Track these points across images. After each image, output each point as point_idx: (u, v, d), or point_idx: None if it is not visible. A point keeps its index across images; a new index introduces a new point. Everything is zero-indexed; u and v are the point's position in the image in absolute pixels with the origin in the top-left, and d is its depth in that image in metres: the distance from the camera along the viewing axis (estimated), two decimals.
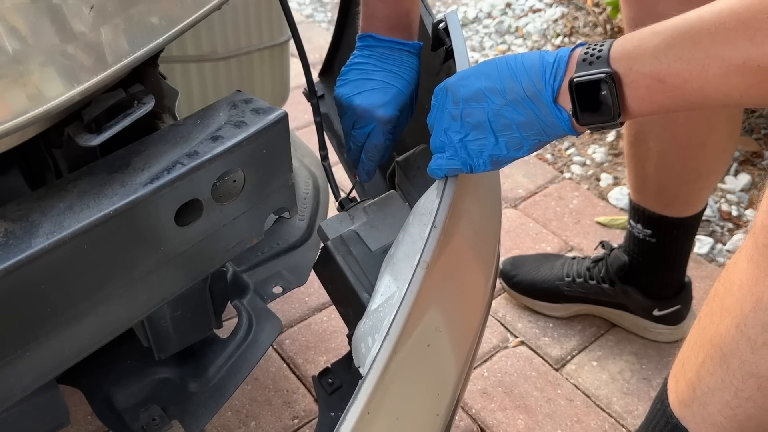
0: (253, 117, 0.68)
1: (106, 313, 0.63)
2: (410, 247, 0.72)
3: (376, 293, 0.73)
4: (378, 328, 0.67)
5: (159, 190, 0.60)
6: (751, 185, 1.73)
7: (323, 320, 1.39)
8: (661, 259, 1.28)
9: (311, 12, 2.74)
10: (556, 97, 0.61)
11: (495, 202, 0.84)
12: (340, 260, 0.77)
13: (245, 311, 0.97)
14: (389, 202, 0.83)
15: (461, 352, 0.69)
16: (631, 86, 0.58)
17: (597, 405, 1.24)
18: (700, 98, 0.55)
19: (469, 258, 0.74)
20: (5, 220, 0.56)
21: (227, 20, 1.17)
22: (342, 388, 0.84)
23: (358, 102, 0.82)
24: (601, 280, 1.34)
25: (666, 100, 0.57)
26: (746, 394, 0.74)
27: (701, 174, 1.17)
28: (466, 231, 0.72)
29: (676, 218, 1.22)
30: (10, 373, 0.58)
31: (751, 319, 0.72)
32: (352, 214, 0.83)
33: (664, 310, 1.32)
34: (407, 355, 0.60)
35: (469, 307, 0.74)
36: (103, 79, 0.56)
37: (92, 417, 1.16)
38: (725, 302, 0.76)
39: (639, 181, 1.23)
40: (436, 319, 0.65)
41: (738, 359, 0.74)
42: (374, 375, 0.57)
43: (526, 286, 1.41)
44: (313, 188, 1.20)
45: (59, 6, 0.53)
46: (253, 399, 1.23)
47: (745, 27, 0.51)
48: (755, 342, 0.72)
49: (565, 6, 2.46)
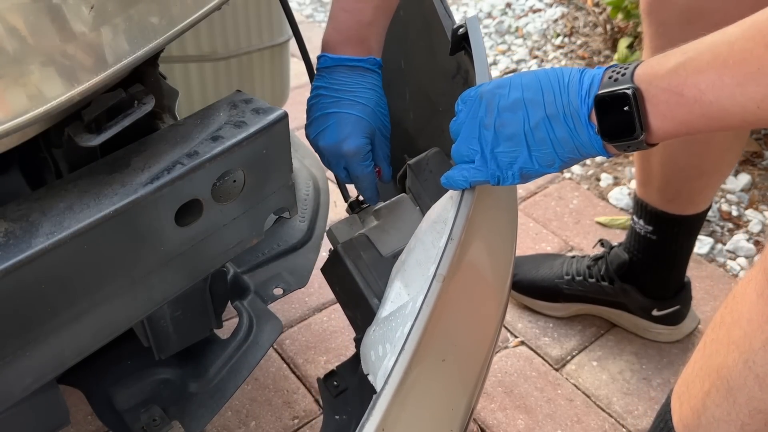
0: (253, 117, 0.68)
1: (106, 313, 0.63)
2: (422, 254, 0.71)
3: (386, 300, 0.72)
4: (390, 337, 0.66)
5: (159, 190, 0.60)
6: (751, 185, 1.73)
7: (323, 320, 1.39)
8: (661, 257, 1.28)
9: (311, 12, 2.74)
10: (589, 115, 0.61)
11: (512, 211, 0.82)
12: (350, 265, 0.76)
13: (246, 312, 0.97)
14: (400, 206, 0.82)
15: (476, 366, 0.68)
16: (652, 101, 0.57)
17: (597, 405, 1.24)
18: (718, 111, 0.54)
19: (485, 270, 0.73)
20: (5, 220, 0.56)
21: (227, 20, 1.17)
22: (347, 391, 0.83)
23: (322, 143, 0.82)
24: (600, 278, 1.34)
25: (686, 114, 0.56)
26: (753, 428, 0.74)
27: (704, 171, 1.17)
28: (483, 243, 0.71)
29: (678, 216, 1.22)
30: (10, 373, 0.58)
31: (760, 357, 0.71)
32: (363, 218, 0.83)
33: (664, 310, 1.32)
34: (423, 370, 0.59)
35: (485, 320, 0.72)
36: (103, 79, 0.56)
37: (92, 417, 1.16)
38: (732, 334, 0.75)
39: (644, 175, 1.23)
40: (452, 333, 0.64)
41: (745, 395, 0.73)
42: (390, 391, 0.56)
43: (526, 285, 1.41)
44: (314, 189, 1.20)
45: (59, 6, 0.53)
46: (253, 399, 1.23)
47: (762, 35, 0.50)
48: (764, 381, 0.71)
49: (565, 6, 2.46)
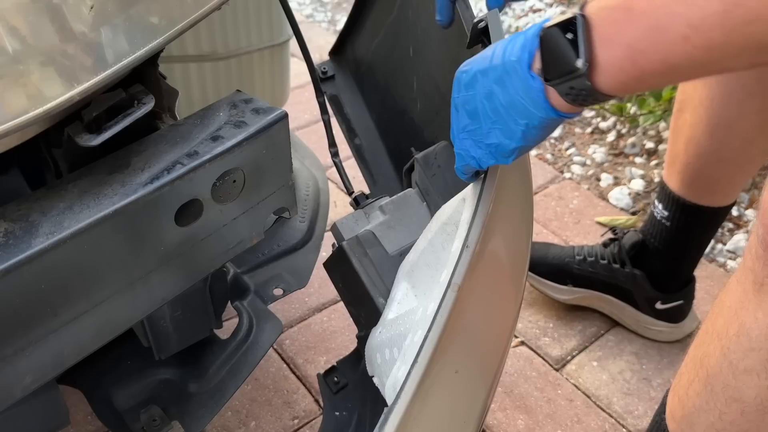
0: (253, 117, 0.68)
1: (106, 313, 0.63)
2: (432, 257, 0.69)
3: (392, 301, 0.71)
4: (398, 342, 0.65)
5: (159, 190, 0.60)
6: (752, 185, 1.73)
7: (323, 320, 1.39)
8: (672, 245, 1.28)
9: (311, 12, 2.74)
10: (531, 62, 0.55)
11: (527, 217, 0.79)
12: (356, 262, 0.75)
13: (246, 312, 0.97)
14: (407, 201, 0.80)
15: (489, 377, 0.67)
16: (600, 26, 0.52)
17: (597, 405, 1.24)
18: (659, 28, 0.49)
19: (499, 278, 0.71)
20: (5, 220, 0.56)
21: (227, 20, 1.17)
22: (347, 387, 0.83)
23: None
24: (612, 259, 1.34)
25: (633, 32, 0.50)
26: (730, 417, 0.74)
27: (723, 158, 1.16)
28: (498, 250, 0.69)
29: (693, 204, 1.22)
30: (10, 373, 0.58)
31: (734, 343, 0.71)
32: (368, 212, 0.80)
33: (667, 304, 1.32)
34: (435, 382, 0.58)
35: (498, 330, 0.71)
36: (103, 79, 0.56)
37: (92, 417, 1.16)
38: (716, 323, 0.76)
39: (671, 155, 1.23)
40: (465, 344, 0.63)
41: (721, 383, 0.73)
42: (402, 405, 0.55)
43: (535, 263, 1.41)
44: (314, 189, 1.20)
45: (59, 6, 0.53)
46: (253, 399, 1.23)
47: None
48: (737, 367, 0.71)
49: (565, 6, 2.46)
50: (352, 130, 1.06)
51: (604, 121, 1.99)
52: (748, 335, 0.69)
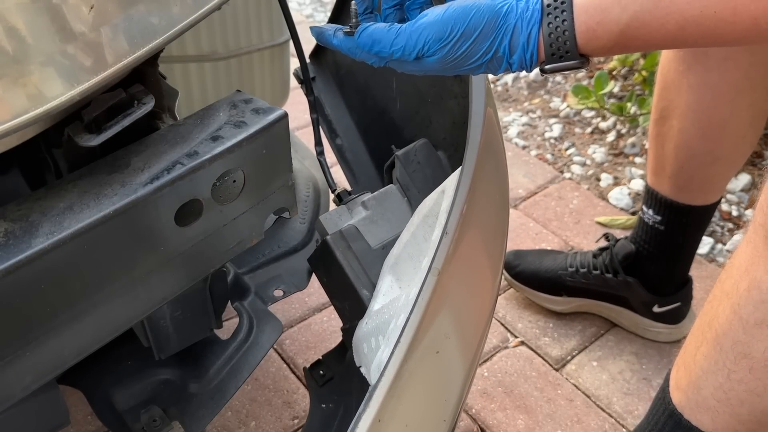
0: (253, 117, 0.68)
1: (106, 313, 0.63)
2: (414, 248, 0.71)
3: (377, 293, 0.73)
4: (383, 330, 0.67)
5: (159, 190, 0.60)
6: (751, 185, 1.73)
7: (323, 320, 1.39)
8: (668, 248, 1.28)
9: (311, 12, 2.74)
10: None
11: (503, 206, 0.83)
12: (340, 256, 0.77)
13: (246, 313, 0.97)
14: (388, 196, 0.83)
15: (468, 357, 0.70)
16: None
17: (597, 405, 1.24)
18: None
19: (477, 263, 0.75)
20: (5, 220, 0.56)
21: (227, 20, 1.17)
22: (333, 380, 0.84)
23: None
24: (605, 269, 1.34)
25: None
26: (738, 376, 0.74)
27: (718, 158, 1.16)
28: (476, 236, 0.72)
29: (687, 205, 1.22)
30: (10, 373, 0.58)
31: (744, 298, 0.71)
32: (351, 208, 0.83)
33: (664, 307, 1.32)
34: (417, 362, 0.60)
35: (477, 312, 0.74)
36: (103, 79, 0.56)
37: (92, 417, 1.16)
38: (725, 286, 0.76)
39: (658, 163, 1.23)
40: (446, 325, 0.66)
41: (730, 339, 0.73)
42: (385, 383, 0.57)
43: (529, 276, 1.41)
44: (314, 191, 1.20)
45: (59, 6, 0.53)
46: (253, 399, 1.23)
47: None
48: (747, 321, 0.71)
49: None
50: (333, 131, 1.09)
51: (604, 121, 1.99)
52: (759, 288, 0.70)
